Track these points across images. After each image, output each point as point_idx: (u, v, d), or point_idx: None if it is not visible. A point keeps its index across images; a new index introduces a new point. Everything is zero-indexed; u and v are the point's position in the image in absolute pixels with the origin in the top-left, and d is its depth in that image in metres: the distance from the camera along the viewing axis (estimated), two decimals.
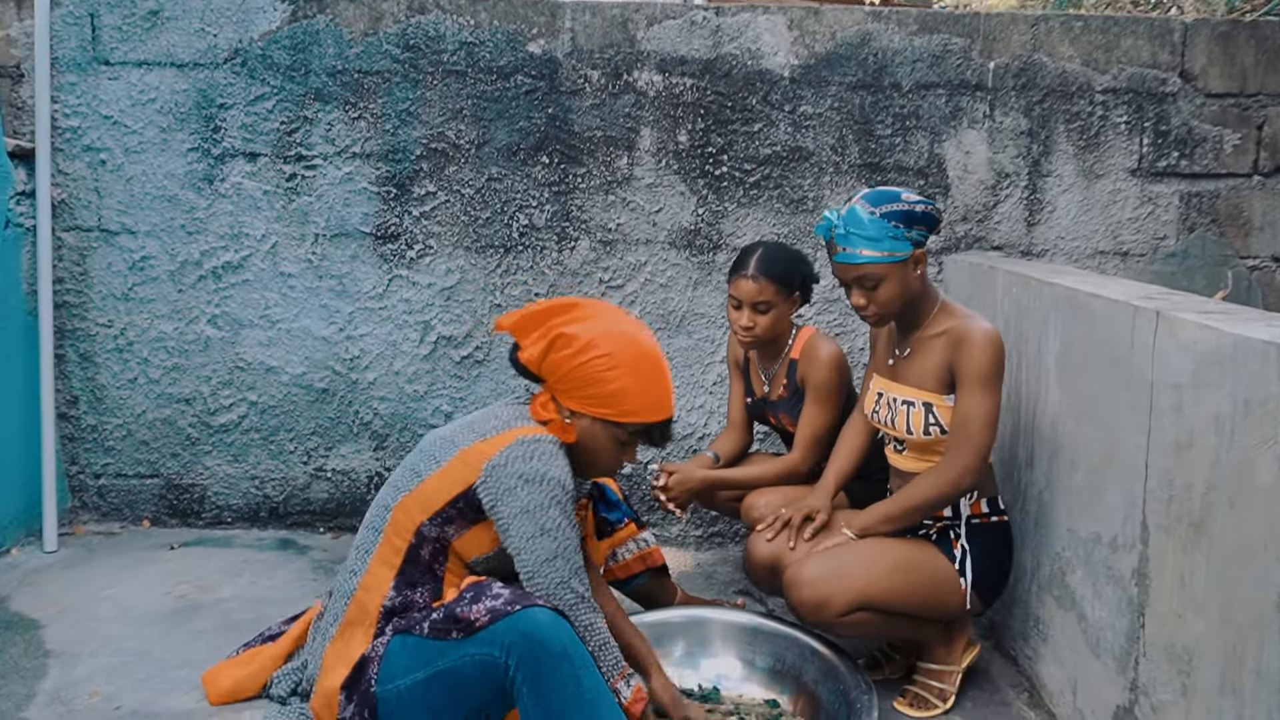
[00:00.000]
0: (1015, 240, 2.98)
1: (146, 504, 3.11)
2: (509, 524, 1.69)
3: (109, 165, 2.93)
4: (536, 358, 1.77)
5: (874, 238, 1.90)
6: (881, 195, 1.94)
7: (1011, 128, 2.94)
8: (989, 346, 1.92)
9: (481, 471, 1.70)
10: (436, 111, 2.89)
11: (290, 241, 2.96)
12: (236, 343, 3.00)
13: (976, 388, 1.91)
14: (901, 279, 1.94)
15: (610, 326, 1.78)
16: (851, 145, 2.92)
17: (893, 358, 2.10)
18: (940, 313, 2.02)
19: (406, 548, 1.75)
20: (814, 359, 2.40)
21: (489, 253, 2.95)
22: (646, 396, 1.76)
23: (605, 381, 1.73)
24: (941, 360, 1.97)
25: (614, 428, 1.77)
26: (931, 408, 1.98)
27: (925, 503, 1.98)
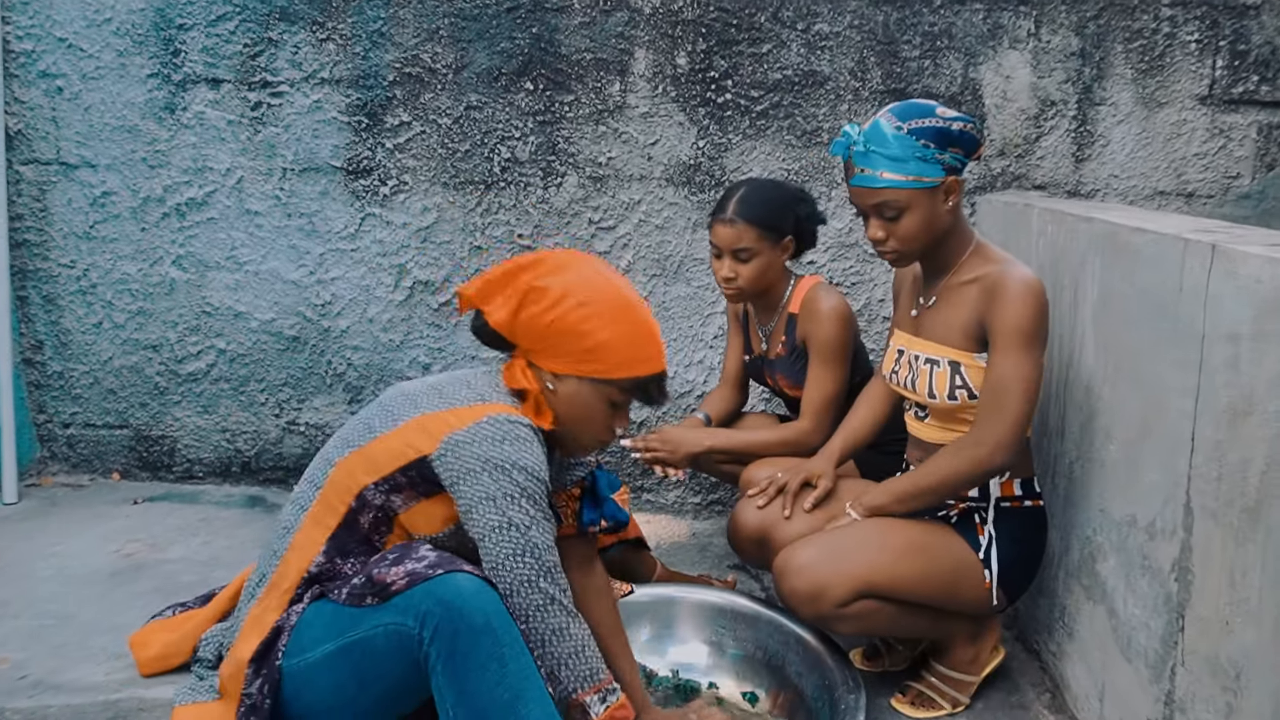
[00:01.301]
0: (1061, 178, 2.62)
1: (116, 456, 2.95)
2: (471, 509, 1.46)
3: (66, 93, 2.73)
4: (506, 319, 1.52)
5: (899, 157, 1.59)
6: (912, 108, 1.62)
7: (1060, 48, 2.56)
8: (1029, 297, 1.60)
9: (440, 444, 1.46)
10: (410, 32, 2.63)
11: (256, 176, 2.73)
12: (203, 286, 2.80)
13: (1013, 347, 1.60)
14: (929, 210, 1.62)
15: (586, 275, 1.54)
16: (873, 69, 2.58)
17: (916, 308, 1.79)
18: (974, 256, 1.70)
19: (345, 511, 1.52)
20: (814, 314, 2.11)
21: (468, 189, 2.69)
22: (635, 347, 1.52)
23: (587, 334, 1.49)
24: (973, 312, 1.65)
25: (604, 386, 1.52)
26: (959, 368, 1.67)
27: (945, 483, 1.69)
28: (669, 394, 1.63)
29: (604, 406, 1.54)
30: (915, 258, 1.71)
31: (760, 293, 2.15)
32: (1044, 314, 1.62)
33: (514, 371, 1.55)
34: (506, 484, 1.43)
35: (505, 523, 1.43)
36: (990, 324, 1.62)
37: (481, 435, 1.45)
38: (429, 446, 1.46)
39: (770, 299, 2.19)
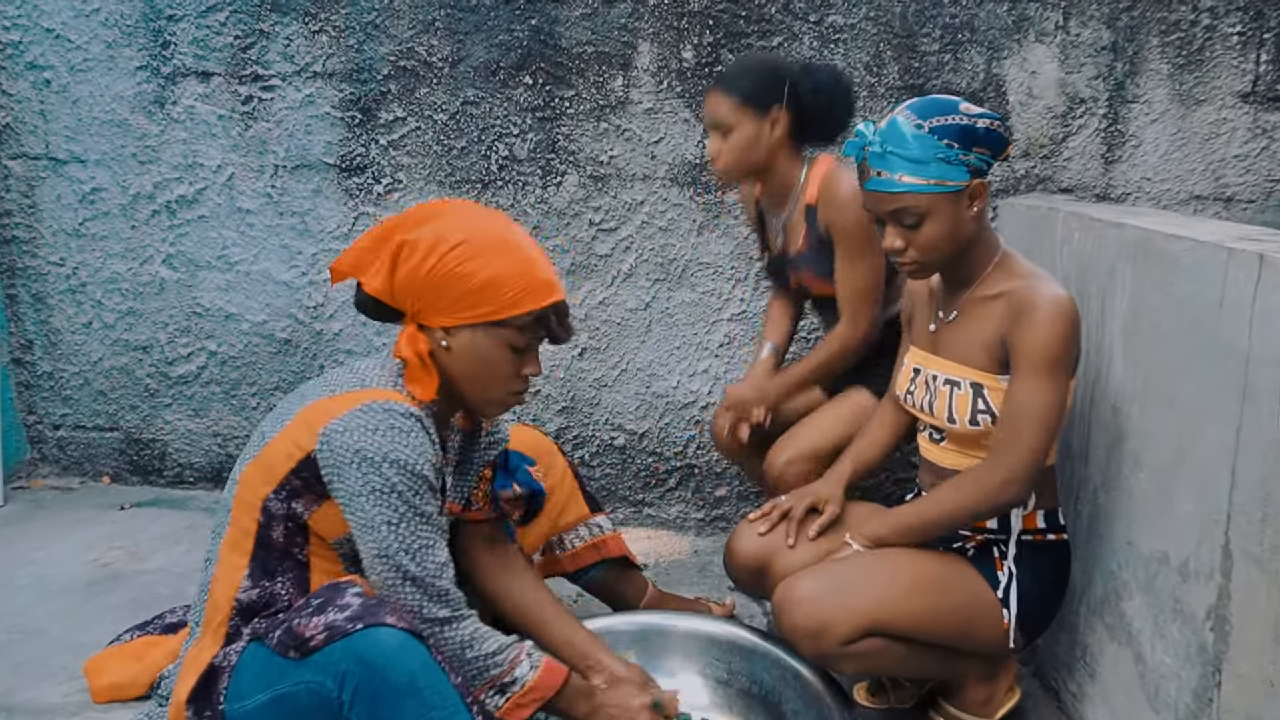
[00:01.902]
0: (1089, 181, 2.47)
1: (107, 459, 2.88)
2: (345, 506, 1.36)
3: (54, 86, 2.65)
4: (383, 282, 1.40)
5: (919, 159, 1.44)
6: (933, 105, 1.47)
7: (1090, 42, 2.41)
8: (1059, 319, 1.45)
9: (319, 436, 1.35)
10: (406, 23, 2.52)
11: (248, 173, 2.64)
12: (193, 286, 2.72)
13: (1036, 373, 1.45)
14: (952, 216, 1.48)
15: (457, 219, 1.42)
16: (890, 63, 2.44)
17: (935, 322, 1.65)
18: (1000, 268, 1.55)
19: (256, 529, 1.42)
20: (835, 199, 1.92)
21: (464, 188, 2.58)
22: (524, 278, 1.39)
23: (469, 275, 1.37)
24: (996, 330, 1.51)
25: (500, 329, 1.40)
26: (982, 390, 1.53)
27: (951, 516, 1.55)
28: (574, 326, 1.51)
29: (506, 353, 1.42)
30: (936, 269, 1.57)
31: (746, 171, 1.98)
32: (1074, 337, 1.48)
33: (401, 339, 1.43)
34: (376, 479, 1.32)
35: (379, 520, 1.33)
36: (1014, 345, 1.48)
37: (355, 424, 1.34)
38: (311, 442, 1.36)
39: (779, 187, 2.02)
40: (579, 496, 1.91)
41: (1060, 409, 1.49)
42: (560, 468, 1.89)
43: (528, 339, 1.43)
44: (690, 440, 2.64)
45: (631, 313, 2.60)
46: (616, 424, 2.66)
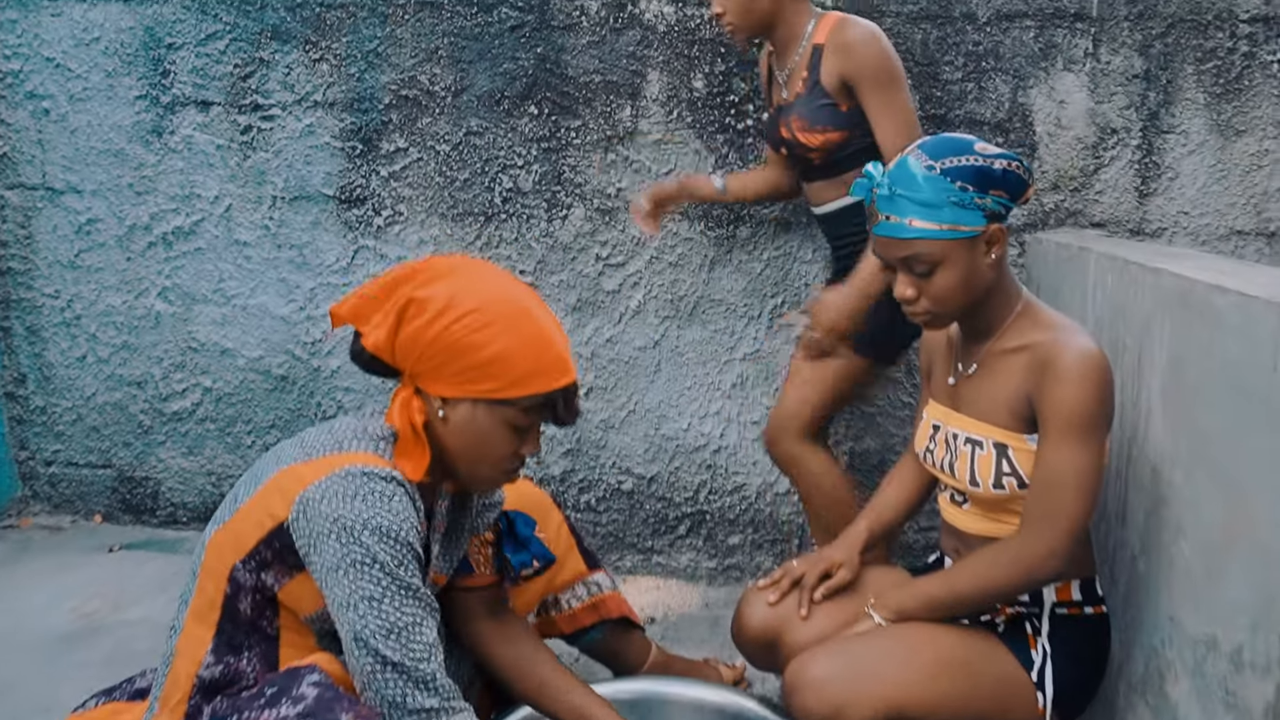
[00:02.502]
0: (1122, 215, 2.34)
1: (99, 497, 2.80)
2: (323, 582, 1.24)
3: (53, 115, 2.60)
4: (385, 339, 1.30)
5: (931, 203, 1.33)
6: (946, 144, 1.37)
7: (1122, 70, 2.29)
8: (1089, 377, 1.33)
9: (293, 505, 1.24)
10: (408, 52, 2.44)
11: (245, 205, 2.56)
12: (189, 320, 2.64)
13: (1068, 437, 1.33)
14: (967, 264, 1.37)
15: (474, 281, 1.31)
16: (910, 92, 2.32)
17: (954, 375, 1.53)
18: (1023, 318, 1.44)
19: (222, 599, 1.31)
20: (852, 42, 1.87)
21: (467, 221, 2.49)
22: (536, 356, 1.29)
23: (478, 346, 1.26)
24: (1020, 386, 1.39)
25: (502, 407, 1.29)
26: (1006, 451, 1.41)
27: (986, 592, 1.42)
28: (581, 409, 1.40)
29: (505, 432, 1.31)
30: (952, 319, 1.45)
31: (761, 28, 1.94)
32: (1106, 395, 1.35)
33: (397, 404, 1.32)
34: (356, 549, 1.20)
35: (357, 597, 1.20)
36: (1041, 405, 1.36)
37: (331, 491, 1.22)
38: (284, 510, 1.25)
39: (786, 37, 1.96)
40: (576, 553, 1.79)
41: (1098, 473, 1.36)
42: (556, 522, 1.78)
43: (531, 420, 1.32)
44: (702, 485, 2.52)
45: (640, 351, 2.49)
46: (624, 467, 2.54)
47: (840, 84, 1.90)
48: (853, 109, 1.91)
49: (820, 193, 2.03)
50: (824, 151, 1.94)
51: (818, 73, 1.91)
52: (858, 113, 1.91)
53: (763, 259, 2.41)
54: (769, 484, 2.50)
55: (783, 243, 2.40)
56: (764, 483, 2.50)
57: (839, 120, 1.91)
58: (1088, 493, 1.35)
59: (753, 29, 1.96)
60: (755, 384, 2.46)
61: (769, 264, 2.41)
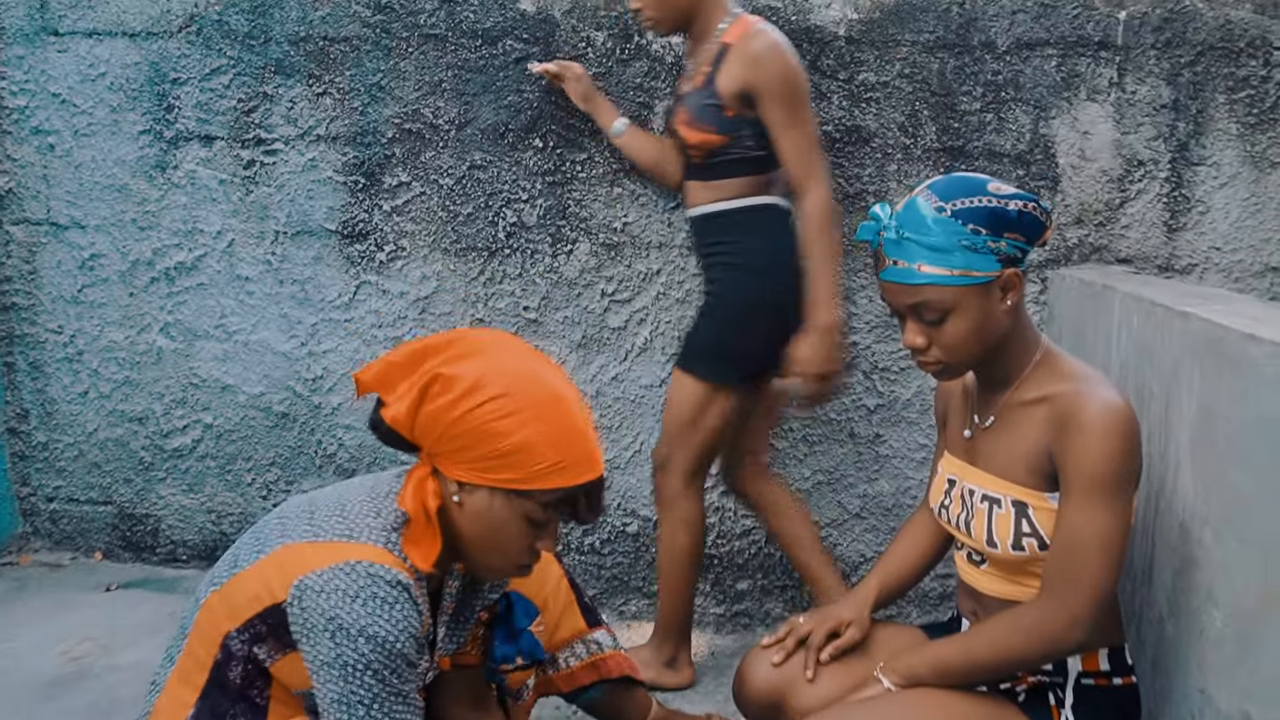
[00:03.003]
0: (1150, 251, 2.24)
1: (99, 534, 2.75)
2: (314, 675, 1.19)
3: (58, 150, 2.59)
4: (406, 414, 1.22)
5: (940, 247, 1.25)
6: (957, 185, 1.28)
7: (1148, 99, 2.20)
8: (1113, 433, 1.23)
9: (292, 589, 1.19)
10: (411, 85, 2.40)
11: (248, 240, 2.53)
12: (190, 356, 2.60)
13: (1091, 496, 1.23)
14: (980, 311, 1.28)
15: (505, 362, 1.24)
16: (927, 124, 2.25)
17: (970, 427, 1.44)
18: (1042, 367, 1.34)
19: (212, 664, 1.25)
20: (760, 54, 1.83)
21: (470, 256, 2.44)
22: (563, 449, 1.21)
23: (502, 434, 1.19)
24: (1040, 441, 1.30)
25: (521, 499, 1.22)
26: (1026, 510, 1.31)
27: (1008, 660, 1.31)
28: (604, 507, 1.32)
29: (522, 525, 1.23)
30: (965, 369, 1.37)
31: (679, 20, 1.93)
32: (1132, 451, 1.25)
33: (409, 483, 1.25)
34: (350, 653, 1.15)
35: (344, 697, 1.16)
36: (1063, 462, 1.26)
37: (332, 586, 1.16)
38: (282, 591, 1.19)
39: (701, 27, 1.93)
40: (575, 609, 1.70)
41: (1124, 534, 1.26)
42: (555, 576, 1.69)
43: (549, 515, 1.25)
44: (709, 528, 2.43)
45: (646, 390, 2.41)
46: (629, 509, 2.46)
47: (738, 91, 1.85)
48: (739, 117, 1.87)
49: (693, 193, 1.99)
50: (702, 151, 1.91)
51: (716, 71, 1.87)
52: (744, 123, 1.87)
53: None
54: None
55: None
56: None
57: (722, 123, 1.87)
58: (1113, 556, 1.25)
59: (673, 23, 1.94)
60: None
61: None
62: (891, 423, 2.34)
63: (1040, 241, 1.31)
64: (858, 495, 2.37)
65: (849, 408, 2.34)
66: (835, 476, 2.37)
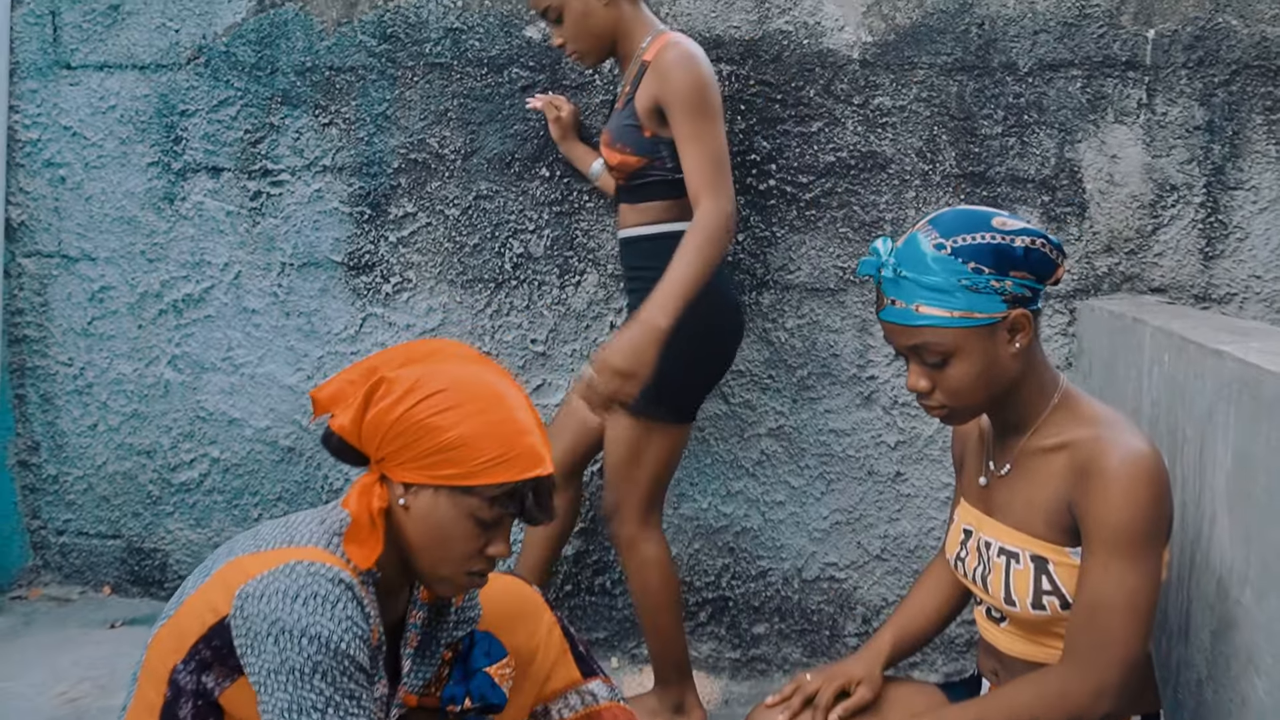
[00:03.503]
0: (1185, 279, 2.13)
1: (109, 568, 2.73)
2: (259, 687, 1.13)
3: (69, 183, 2.58)
4: (351, 421, 1.20)
5: (940, 287, 1.18)
6: (960, 219, 1.21)
7: (1180, 121, 2.10)
8: (1137, 483, 1.14)
9: (234, 600, 1.14)
10: (417, 114, 2.37)
11: (255, 271, 2.50)
12: (198, 389, 2.57)
13: (1116, 552, 1.14)
14: (986, 354, 1.20)
15: (449, 363, 1.24)
16: (946, 148, 2.17)
17: (986, 474, 1.35)
18: (1060, 410, 1.25)
19: (161, 703, 1.20)
20: (669, 65, 1.75)
21: (477, 288, 2.38)
22: (505, 443, 1.19)
23: (440, 428, 1.18)
24: (1059, 492, 1.21)
25: (465, 496, 1.19)
26: (1046, 566, 1.22)
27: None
28: (555, 508, 1.27)
29: (469, 525, 1.20)
30: (972, 415, 1.28)
31: (605, 47, 1.87)
32: (1160, 503, 1.16)
33: (354, 488, 1.21)
34: (295, 656, 1.09)
35: (291, 704, 1.10)
36: (1085, 515, 1.17)
37: (273, 589, 1.11)
38: (225, 606, 1.14)
39: (626, 49, 1.88)
40: (568, 659, 1.63)
41: (1153, 593, 1.16)
42: (547, 624, 1.62)
43: (497, 513, 1.21)
44: (724, 569, 2.34)
45: None
46: None
47: (652, 107, 1.78)
48: (655, 138, 1.80)
49: (622, 215, 1.93)
50: (622, 173, 1.85)
51: (635, 90, 1.81)
52: (662, 143, 1.80)
53: (787, 328, 2.25)
54: (796, 570, 2.31)
55: (808, 310, 2.24)
56: (791, 568, 2.31)
57: (639, 144, 1.81)
58: (1141, 619, 1.15)
59: (597, 53, 1.88)
60: (780, 461, 2.28)
61: (793, 333, 2.25)
62: (913, 460, 2.24)
63: (1052, 280, 1.23)
64: (878, 536, 2.27)
65: (868, 444, 2.25)
66: (854, 516, 2.28)
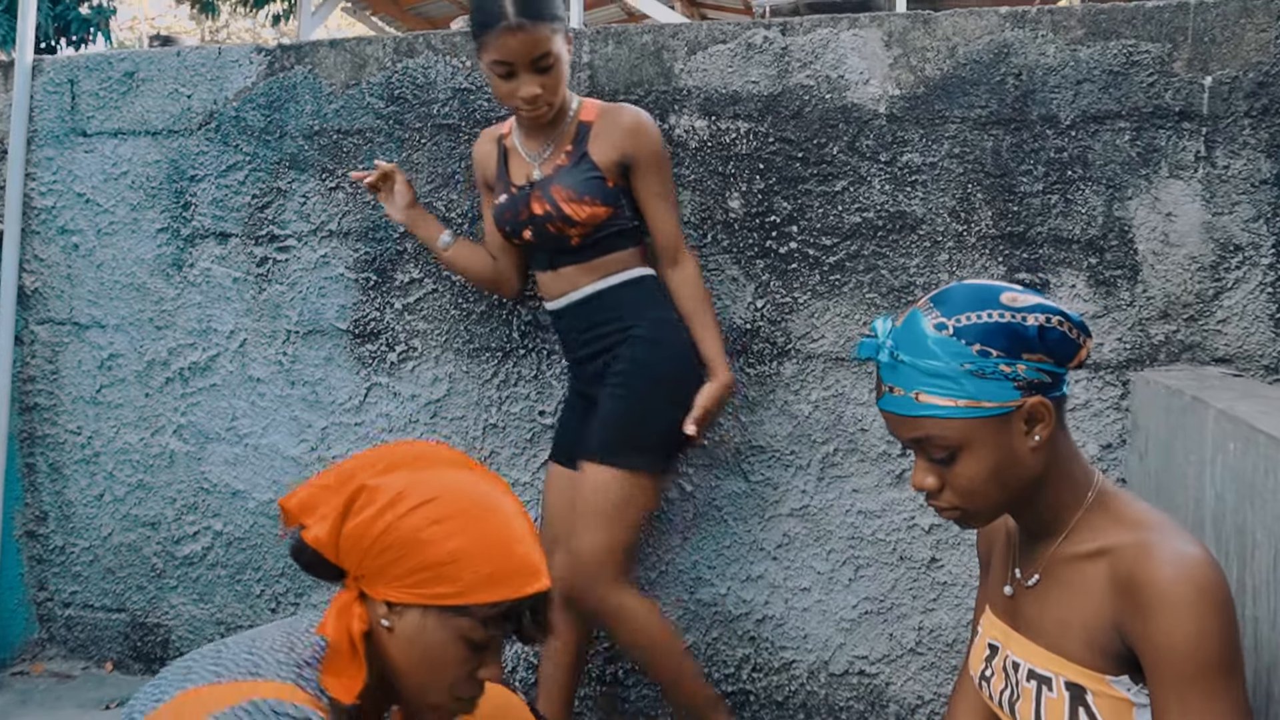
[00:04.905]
0: (1253, 349, 1.92)
1: (112, 643, 2.64)
2: None
3: (81, 249, 2.56)
4: (328, 533, 1.10)
5: (942, 373, 1.03)
6: (964, 296, 1.06)
7: (1244, 175, 1.91)
8: (1200, 602, 0.95)
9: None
10: (424, 177, 2.28)
11: (260, 339, 2.43)
12: (202, 459, 2.50)
13: (1196, 688, 0.95)
14: (999, 449, 1.04)
15: (436, 471, 1.13)
16: (982, 208, 2.00)
17: (1011, 583, 1.18)
18: (1096, 512, 1.08)
19: None
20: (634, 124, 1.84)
21: (484, 357, 2.27)
22: (500, 558, 1.09)
23: (432, 542, 1.07)
24: (1101, 611, 1.04)
25: (456, 617, 1.08)
26: (1084, 696, 1.04)
27: None
28: (554, 625, 1.17)
29: (460, 648, 1.09)
30: (991, 517, 1.11)
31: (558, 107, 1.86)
32: (1233, 622, 0.98)
33: (332, 609, 1.10)
34: None
35: None
36: (1142, 644, 0.99)
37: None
38: None
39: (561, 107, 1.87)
40: None
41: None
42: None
43: (490, 635, 1.10)
44: (744, 660, 2.16)
45: (672, 504, 2.18)
46: None
47: (617, 161, 1.83)
48: (618, 187, 1.84)
49: (564, 280, 1.88)
50: (587, 228, 1.82)
51: (584, 146, 1.83)
52: (622, 193, 1.85)
53: (811, 400, 2.09)
54: (823, 662, 2.11)
55: (833, 382, 2.08)
56: (817, 660, 2.12)
57: (607, 195, 1.82)
58: None
59: (561, 104, 1.85)
60: (804, 544, 2.11)
61: (818, 406, 2.09)
62: (949, 545, 2.04)
63: (1074, 363, 1.06)
64: (912, 627, 2.07)
65: (900, 527, 2.06)
66: (885, 605, 2.08)
